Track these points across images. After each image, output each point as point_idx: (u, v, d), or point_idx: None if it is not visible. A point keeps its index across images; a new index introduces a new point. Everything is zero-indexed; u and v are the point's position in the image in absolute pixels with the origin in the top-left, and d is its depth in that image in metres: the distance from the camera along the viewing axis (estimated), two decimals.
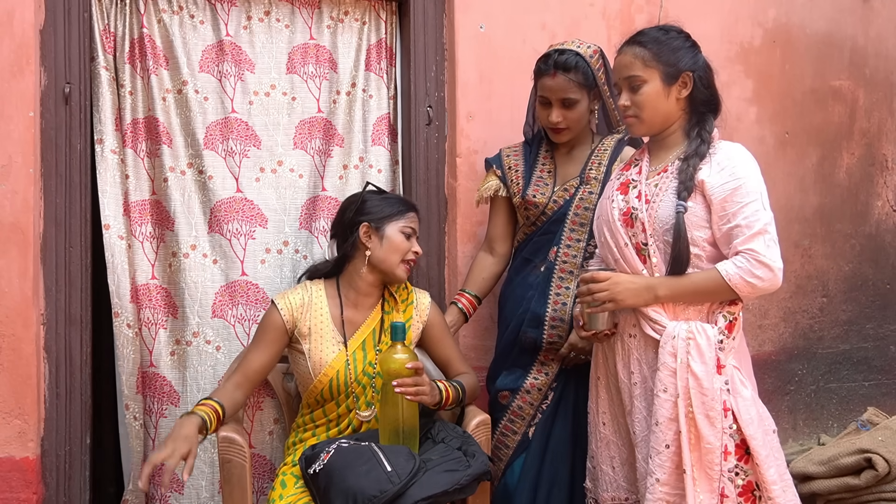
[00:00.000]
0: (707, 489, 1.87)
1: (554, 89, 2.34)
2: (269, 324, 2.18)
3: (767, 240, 1.88)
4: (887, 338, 3.52)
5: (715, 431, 1.87)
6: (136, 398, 2.56)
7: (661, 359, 1.91)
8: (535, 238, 2.43)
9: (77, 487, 2.44)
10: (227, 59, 2.62)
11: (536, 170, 2.48)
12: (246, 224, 2.61)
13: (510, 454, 2.39)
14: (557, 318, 2.33)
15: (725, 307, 1.95)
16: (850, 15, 3.39)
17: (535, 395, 2.36)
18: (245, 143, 2.63)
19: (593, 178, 2.38)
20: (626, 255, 2.00)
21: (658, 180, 2.00)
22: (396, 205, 2.25)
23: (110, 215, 2.51)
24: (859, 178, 3.44)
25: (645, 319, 1.98)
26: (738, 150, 1.98)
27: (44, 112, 2.38)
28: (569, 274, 2.35)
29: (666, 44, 1.99)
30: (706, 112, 2.03)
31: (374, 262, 2.19)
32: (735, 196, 1.89)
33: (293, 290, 2.23)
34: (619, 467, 2.09)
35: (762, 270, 1.87)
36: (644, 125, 2.03)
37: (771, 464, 1.90)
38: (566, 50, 2.35)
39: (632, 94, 2.00)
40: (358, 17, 2.77)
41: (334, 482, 1.88)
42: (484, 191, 2.53)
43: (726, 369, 1.91)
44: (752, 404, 1.93)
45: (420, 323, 2.28)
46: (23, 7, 2.33)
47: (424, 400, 2.03)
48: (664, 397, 1.90)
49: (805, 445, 3.25)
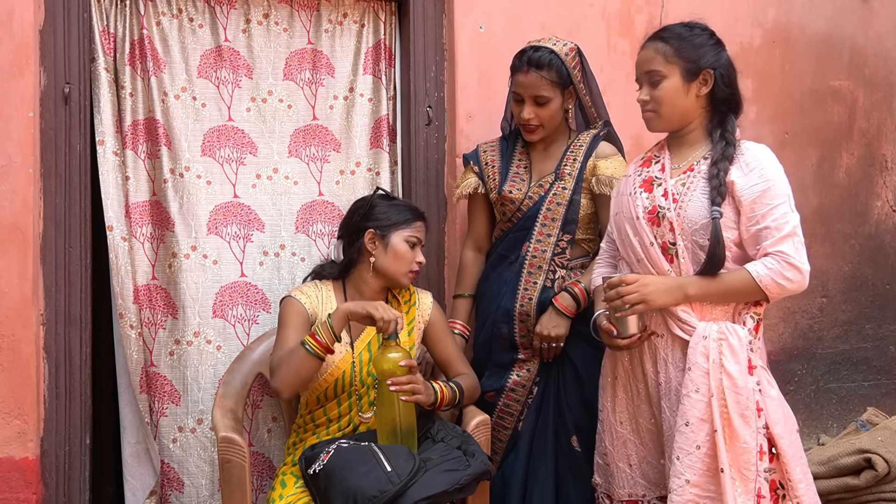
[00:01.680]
0: (744, 490, 1.85)
1: (526, 86, 2.34)
2: (294, 311, 2.18)
3: (797, 242, 1.89)
4: (887, 338, 3.52)
5: (750, 431, 1.86)
6: (141, 398, 2.56)
7: (693, 359, 1.90)
8: (510, 234, 2.44)
9: (77, 487, 2.44)
10: (226, 66, 2.64)
11: (513, 165, 2.48)
12: (244, 228, 2.64)
13: (504, 448, 2.40)
14: (524, 312, 2.34)
15: (752, 308, 1.95)
16: (850, 15, 3.39)
17: (519, 392, 2.38)
18: (241, 150, 2.65)
19: (567, 174, 2.38)
20: (652, 254, 1.99)
21: (685, 179, 1.99)
22: (404, 213, 2.25)
23: (113, 216, 2.52)
24: (859, 178, 3.44)
25: (673, 319, 1.96)
26: (764, 151, 1.98)
27: (43, 112, 2.38)
28: (537, 269, 2.36)
29: (689, 40, 1.98)
30: (727, 111, 2.02)
31: (378, 268, 2.20)
32: (764, 198, 1.90)
33: (306, 287, 2.25)
34: (636, 465, 2.08)
35: (792, 272, 1.88)
36: (662, 121, 2.02)
37: (797, 463, 1.92)
38: (541, 47, 2.35)
39: (651, 89, 2.00)
40: (357, 18, 2.77)
41: (334, 482, 1.88)
42: (463, 188, 2.52)
43: (757, 370, 1.92)
44: (780, 404, 1.95)
45: (422, 323, 2.28)
46: (22, 7, 2.33)
47: (420, 399, 2.04)
48: (696, 398, 1.88)
49: (805, 445, 3.24)
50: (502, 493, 2.37)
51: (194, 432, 2.56)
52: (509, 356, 2.39)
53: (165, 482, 2.56)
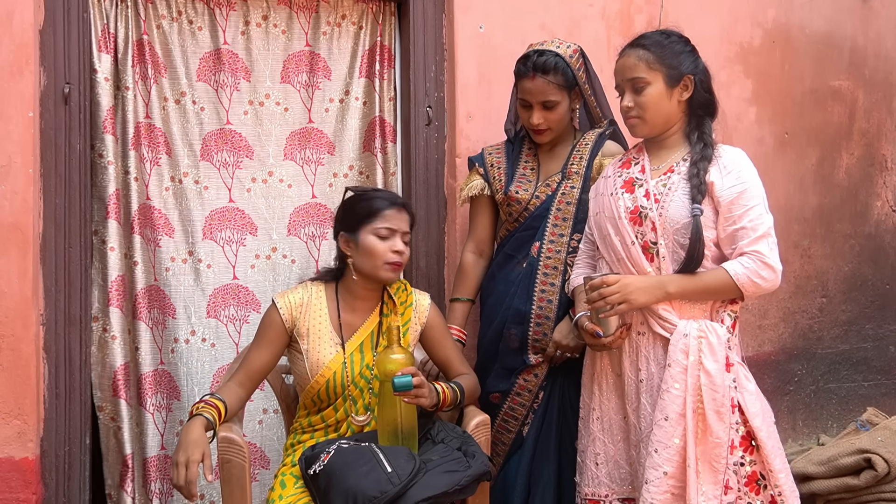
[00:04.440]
0: (711, 481, 1.92)
1: (534, 92, 2.33)
2: (269, 323, 2.17)
3: (771, 243, 1.97)
4: (887, 338, 3.52)
5: (724, 426, 1.93)
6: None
7: (672, 356, 1.96)
8: (517, 234, 2.43)
9: (76, 487, 2.44)
10: (224, 69, 2.65)
11: (519, 167, 2.48)
12: (237, 232, 2.68)
13: (506, 450, 2.40)
14: (543, 315, 2.33)
15: (729, 306, 2.02)
16: (850, 15, 3.39)
17: (525, 396, 2.37)
18: (238, 154, 2.68)
19: (575, 173, 2.38)
20: (632, 253, 2.03)
21: (665, 180, 2.04)
22: (371, 205, 2.16)
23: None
24: (859, 178, 3.45)
25: (654, 318, 2.01)
26: (740, 154, 2.05)
27: (43, 112, 2.38)
28: (553, 269, 2.35)
29: (668, 47, 2.04)
30: (704, 115, 2.09)
31: (357, 269, 2.18)
32: (741, 199, 1.97)
33: (293, 290, 2.23)
34: (602, 464, 2.12)
35: (767, 271, 1.96)
36: (647, 126, 2.06)
37: (777, 454, 1.99)
38: (545, 51, 2.34)
39: (635, 96, 2.04)
40: (355, 20, 2.77)
41: (334, 483, 1.88)
42: (469, 190, 2.51)
43: (734, 367, 1.98)
44: (757, 398, 2.00)
45: (419, 325, 2.27)
46: (22, 7, 2.33)
47: (422, 402, 2.03)
48: (675, 393, 1.94)
49: (804, 446, 3.25)
50: (504, 496, 2.37)
51: None
52: (518, 359, 2.36)
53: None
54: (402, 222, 2.18)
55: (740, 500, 1.95)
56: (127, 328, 2.56)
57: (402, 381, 1.95)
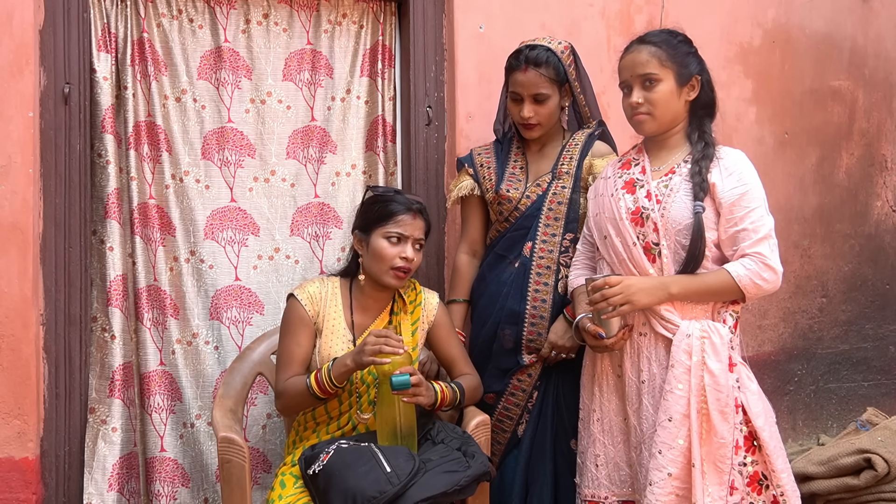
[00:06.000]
0: (716, 482, 1.92)
1: (525, 84, 2.34)
2: (295, 317, 2.17)
3: (772, 245, 1.98)
4: (887, 338, 3.52)
5: (728, 427, 1.93)
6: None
7: (676, 357, 1.96)
8: (508, 234, 2.43)
9: (77, 487, 2.43)
10: (225, 67, 2.65)
11: (509, 166, 2.48)
12: (239, 233, 2.66)
13: (502, 450, 2.40)
14: (537, 315, 2.33)
15: (730, 306, 2.02)
16: (850, 15, 3.39)
17: (520, 396, 2.37)
18: (240, 153, 2.67)
19: (565, 173, 2.39)
20: (634, 254, 2.03)
21: (667, 181, 2.04)
22: (383, 209, 2.17)
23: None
24: (859, 178, 3.45)
25: (656, 318, 2.01)
26: (741, 156, 2.05)
27: (43, 112, 2.38)
28: (546, 269, 2.35)
29: (677, 47, 2.04)
30: (704, 116, 2.09)
31: (365, 270, 2.18)
32: (742, 201, 1.97)
33: (310, 283, 2.23)
34: (602, 466, 2.12)
35: (768, 273, 1.96)
36: (655, 123, 2.05)
37: (779, 454, 1.99)
38: (537, 45, 2.36)
39: (645, 92, 2.03)
40: (356, 19, 2.77)
41: (334, 483, 1.88)
42: (458, 190, 2.52)
43: (736, 367, 1.98)
44: (759, 398, 2.01)
45: (427, 323, 2.28)
46: (22, 7, 2.33)
47: (421, 401, 2.03)
48: (679, 394, 1.94)
49: (804, 446, 3.25)
50: (501, 495, 2.37)
51: (194, 427, 2.60)
52: (512, 359, 2.37)
53: (170, 478, 2.58)
54: (416, 229, 2.17)
55: (743, 501, 1.95)
56: (126, 328, 2.56)
57: (400, 379, 1.96)
